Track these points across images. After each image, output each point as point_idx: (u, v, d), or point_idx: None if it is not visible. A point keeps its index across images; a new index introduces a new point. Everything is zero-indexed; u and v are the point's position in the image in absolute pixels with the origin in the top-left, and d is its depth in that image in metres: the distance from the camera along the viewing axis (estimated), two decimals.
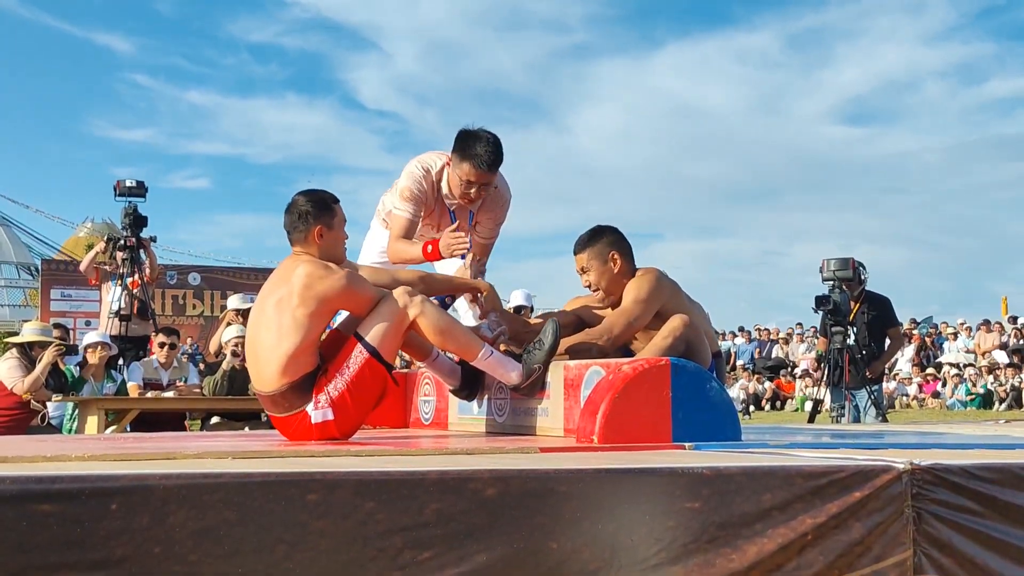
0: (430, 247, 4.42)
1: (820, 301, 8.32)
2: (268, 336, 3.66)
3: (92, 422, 7.35)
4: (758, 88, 49.02)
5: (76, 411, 7.94)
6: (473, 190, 4.48)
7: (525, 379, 3.85)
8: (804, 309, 8.50)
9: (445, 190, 4.62)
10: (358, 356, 3.67)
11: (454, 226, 4.46)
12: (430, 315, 3.73)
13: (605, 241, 4.21)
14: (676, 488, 2.31)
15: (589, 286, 4.24)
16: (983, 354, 19.05)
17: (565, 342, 4.00)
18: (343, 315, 3.95)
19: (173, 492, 1.96)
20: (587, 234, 4.26)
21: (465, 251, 4.32)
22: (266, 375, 3.69)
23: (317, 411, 3.64)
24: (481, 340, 3.92)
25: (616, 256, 4.18)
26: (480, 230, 4.79)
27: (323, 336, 3.83)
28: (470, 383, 4.20)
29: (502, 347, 4.08)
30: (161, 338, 8.47)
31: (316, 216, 3.77)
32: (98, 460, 2.51)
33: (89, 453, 2.68)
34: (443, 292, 4.04)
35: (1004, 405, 16.97)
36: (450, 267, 4.78)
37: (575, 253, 4.26)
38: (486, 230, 4.81)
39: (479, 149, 4.39)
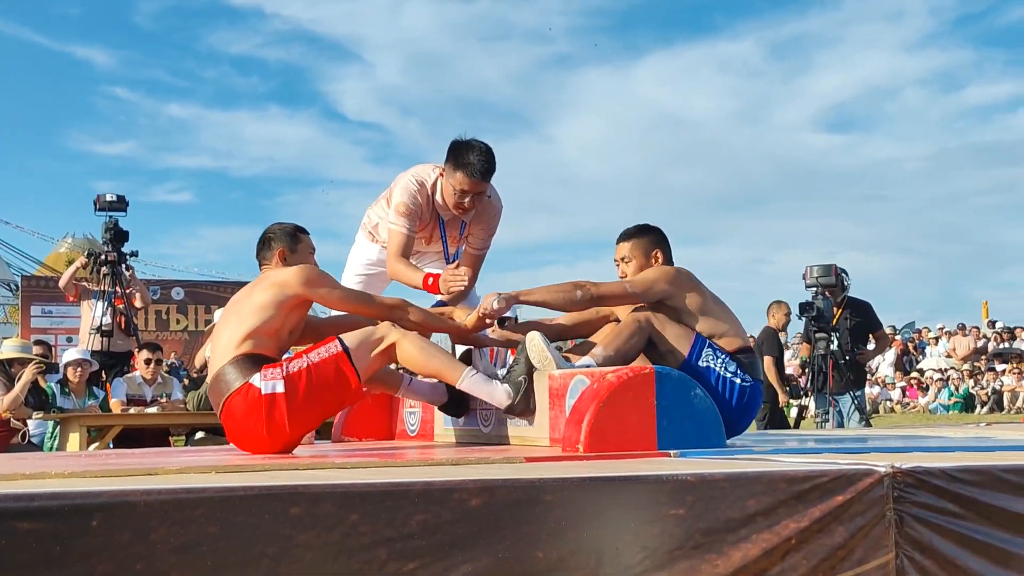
0: (431, 280, 4.44)
1: (804, 307, 8.36)
2: (227, 327, 3.77)
3: (74, 439, 7.29)
4: (741, 96, 49.19)
5: (57, 429, 7.88)
6: (467, 199, 4.50)
7: (514, 395, 3.81)
8: (793, 313, 8.61)
9: (440, 201, 4.63)
10: (331, 348, 3.70)
11: (455, 264, 4.50)
12: (410, 342, 3.78)
13: (651, 238, 4.23)
14: (661, 495, 2.32)
15: (624, 277, 4.21)
16: (961, 359, 19.14)
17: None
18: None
19: (155, 508, 1.94)
20: (635, 228, 4.27)
21: (462, 288, 4.33)
22: (219, 356, 3.73)
23: (266, 382, 3.61)
24: (463, 365, 3.93)
25: (658, 255, 4.19)
26: (472, 240, 4.80)
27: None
28: (457, 401, 4.20)
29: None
30: (145, 354, 8.43)
31: (281, 240, 3.99)
32: (78, 477, 2.49)
33: (70, 470, 2.66)
34: (420, 326, 3.98)
35: (985, 408, 17.07)
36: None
37: (618, 242, 4.26)
38: (478, 240, 4.81)
39: (472, 158, 4.42)
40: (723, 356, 3.91)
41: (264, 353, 3.70)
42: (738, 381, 3.89)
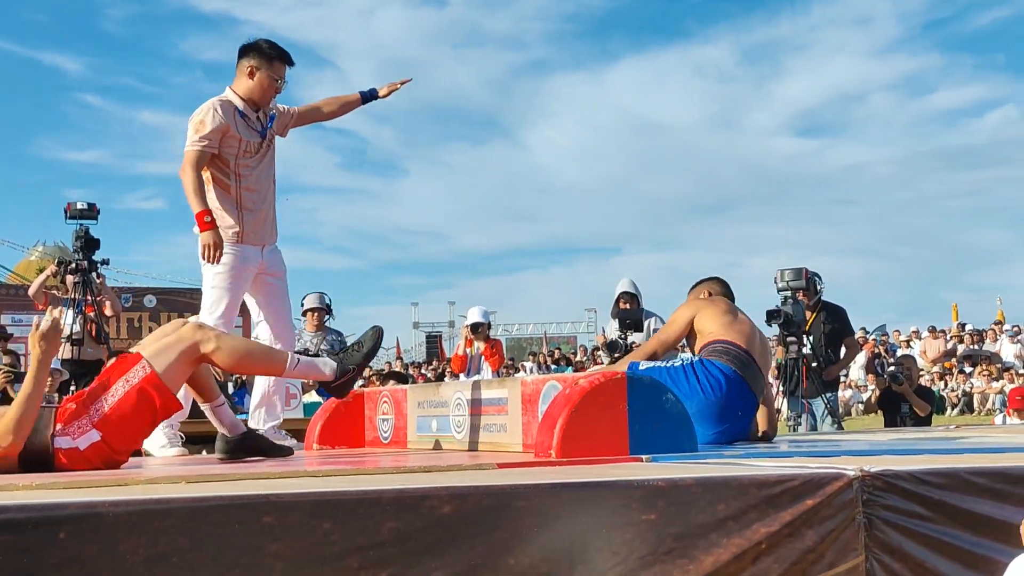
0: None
1: (771, 315, 8.33)
2: None
3: None
4: (713, 101, 49.41)
5: None
6: (280, 83, 4.85)
7: (338, 376, 3.89)
8: (762, 320, 8.64)
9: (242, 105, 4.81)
10: (138, 372, 3.56)
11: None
12: (225, 346, 3.69)
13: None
14: (632, 500, 2.32)
15: None
16: (932, 361, 19.27)
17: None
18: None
19: (123, 519, 1.93)
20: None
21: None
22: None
23: (78, 440, 3.44)
24: (285, 353, 3.94)
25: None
26: (285, 111, 5.08)
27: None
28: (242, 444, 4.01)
29: None
30: None
31: None
32: (47, 488, 2.47)
33: (38, 482, 2.64)
34: None
35: (956, 410, 17.20)
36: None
37: None
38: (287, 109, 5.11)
39: (281, 49, 4.84)
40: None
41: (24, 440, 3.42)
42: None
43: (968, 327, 21.09)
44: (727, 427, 4.59)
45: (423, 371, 22.80)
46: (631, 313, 8.40)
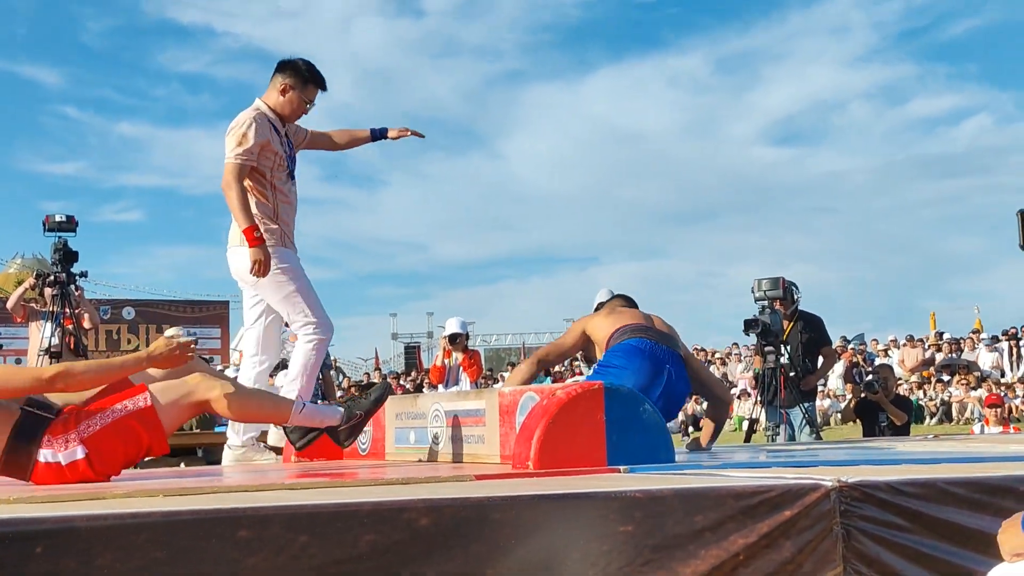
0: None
1: (749, 324, 8.36)
2: None
3: None
4: (690, 111, 49.49)
5: None
6: (308, 107, 4.93)
7: (344, 421, 3.92)
8: (741, 329, 8.68)
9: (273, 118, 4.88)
10: (138, 401, 3.51)
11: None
12: (225, 398, 3.61)
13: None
14: (610, 512, 2.33)
15: None
16: (910, 370, 19.37)
17: None
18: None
19: (99, 533, 1.93)
20: None
21: None
22: None
23: (62, 452, 3.40)
24: (290, 401, 3.93)
25: None
26: (300, 130, 5.15)
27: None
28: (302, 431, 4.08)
29: None
30: None
31: None
32: (23, 503, 2.46)
33: (14, 496, 2.63)
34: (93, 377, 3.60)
35: (934, 419, 17.27)
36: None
37: None
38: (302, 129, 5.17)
39: (318, 73, 4.89)
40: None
41: (14, 421, 3.43)
42: None
43: (946, 336, 21.20)
44: (661, 380, 4.82)
45: (401, 382, 22.78)
46: None
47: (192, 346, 3.68)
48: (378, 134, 5.27)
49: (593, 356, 5.17)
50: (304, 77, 4.85)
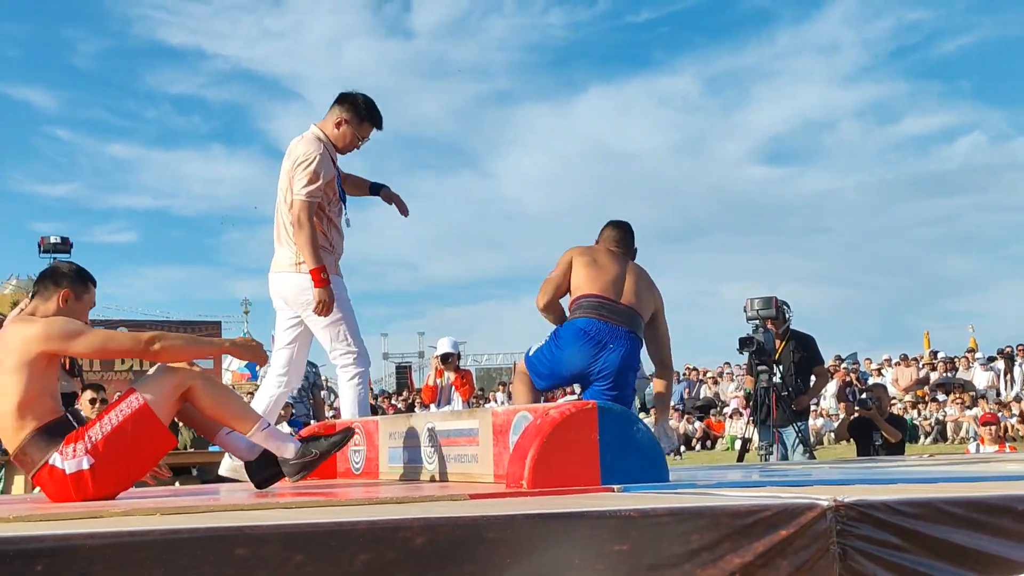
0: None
1: (744, 343, 8.38)
2: None
3: (19, 482, 7.20)
4: (680, 130, 49.70)
5: (3, 472, 7.75)
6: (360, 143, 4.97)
7: (297, 457, 3.91)
8: (733, 348, 8.73)
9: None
10: (132, 404, 3.62)
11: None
12: (205, 386, 3.75)
13: None
14: (604, 531, 2.33)
15: None
16: (904, 389, 19.38)
17: None
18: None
19: (98, 551, 1.93)
20: None
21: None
22: (7, 436, 3.61)
23: (70, 461, 3.49)
24: (258, 415, 3.93)
25: None
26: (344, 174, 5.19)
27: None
28: (264, 467, 4.05)
29: None
30: (90, 394, 8.33)
31: (70, 283, 3.77)
32: (23, 521, 2.46)
33: (14, 514, 2.63)
34: (183, 349, 3.79)
35: (929, 439, 17.28)
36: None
37: None
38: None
39: (377, 111, 4.94)
40: None
41: (51, 419, 3.57)
42: None
43: (940, 355, 21.21)
44: (604, 355, 5.06)
45: (393, 402, 22.75)
46: None
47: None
48: (374, 190, 5.29)
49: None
50: (361, 115, 4.86)
